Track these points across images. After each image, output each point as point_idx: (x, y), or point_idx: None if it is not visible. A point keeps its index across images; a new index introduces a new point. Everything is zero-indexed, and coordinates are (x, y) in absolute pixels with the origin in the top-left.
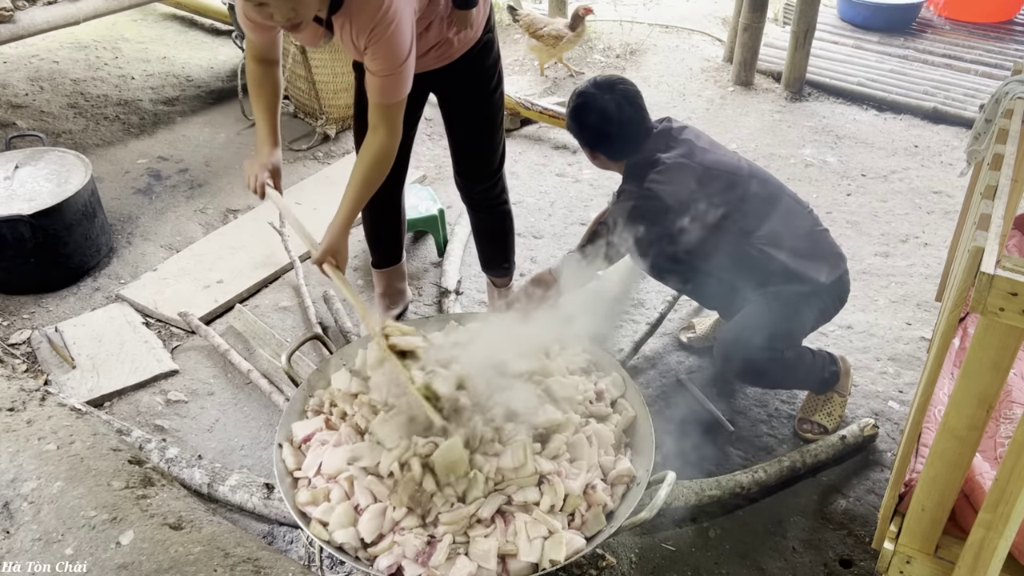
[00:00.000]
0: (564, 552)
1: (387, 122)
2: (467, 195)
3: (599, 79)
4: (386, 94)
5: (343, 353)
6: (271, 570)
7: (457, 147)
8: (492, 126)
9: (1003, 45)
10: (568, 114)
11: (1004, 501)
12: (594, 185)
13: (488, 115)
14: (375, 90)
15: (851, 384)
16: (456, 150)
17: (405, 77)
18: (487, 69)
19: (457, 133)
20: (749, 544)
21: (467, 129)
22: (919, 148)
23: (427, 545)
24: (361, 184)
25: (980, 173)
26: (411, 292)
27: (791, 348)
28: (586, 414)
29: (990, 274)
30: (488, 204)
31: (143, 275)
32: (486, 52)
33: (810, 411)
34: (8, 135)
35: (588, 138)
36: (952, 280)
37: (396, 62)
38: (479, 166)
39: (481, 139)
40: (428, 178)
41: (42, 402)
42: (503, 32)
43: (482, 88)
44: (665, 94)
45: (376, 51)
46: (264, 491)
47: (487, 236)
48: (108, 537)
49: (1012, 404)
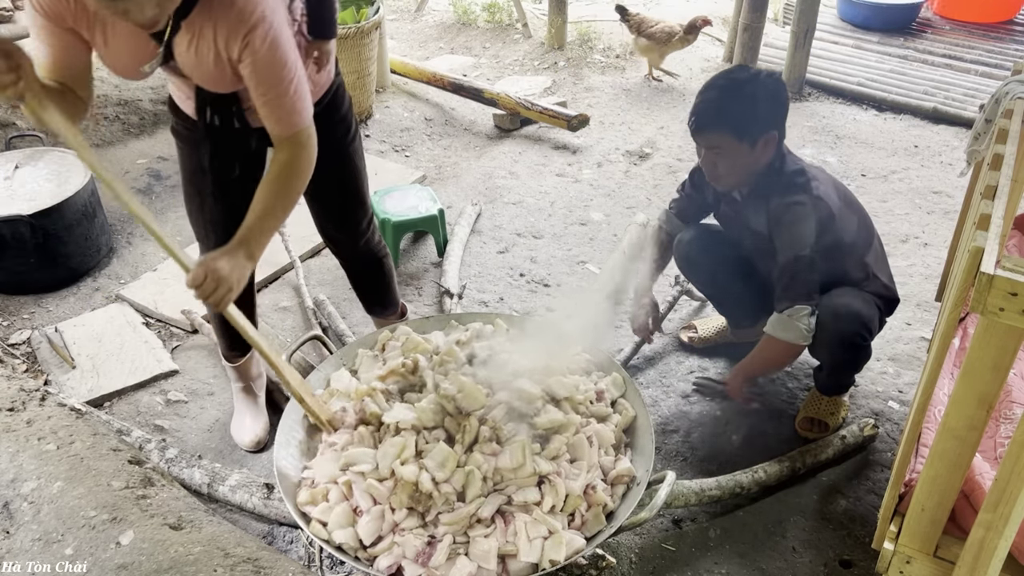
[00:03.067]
0: (564, 552)
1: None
2: (344, 252)
3: (741, 67)
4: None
5: (343, 353)
6: (271, 570)
7: (324, 207)
8: (360, 178)
9: (1003, 45)
10: (734, 97)
11: (1004, 501)
12: (594, 185)
13: (354, 167)
14: (273, 119)
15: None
16: (324, 211)
17: (299, 96)
18: (344, 115)
19: (322, 192)
20: (749, 544)
21: (335, 185)
22: (919, 148)
23: (427, 545)
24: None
25: (980, 173)
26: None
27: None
28: (586, 414)
29: (990, 274)
30: (368, 255)
31: (143, 275)
32: (341, 95)
33: (813, 410)
34: (8, 135)
35: (764, 122)
36: (952, 280)
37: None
38: (354, 221)
39: (353, 193)
40: (428, 178)
41: (42, 402)
42: (503, 31)
43: (343, 137)
44: (665, 94)
45: (256, 60)
46: (264, 491)
47: (373, 285)
48: (108, 537)
49: (1012, 404)
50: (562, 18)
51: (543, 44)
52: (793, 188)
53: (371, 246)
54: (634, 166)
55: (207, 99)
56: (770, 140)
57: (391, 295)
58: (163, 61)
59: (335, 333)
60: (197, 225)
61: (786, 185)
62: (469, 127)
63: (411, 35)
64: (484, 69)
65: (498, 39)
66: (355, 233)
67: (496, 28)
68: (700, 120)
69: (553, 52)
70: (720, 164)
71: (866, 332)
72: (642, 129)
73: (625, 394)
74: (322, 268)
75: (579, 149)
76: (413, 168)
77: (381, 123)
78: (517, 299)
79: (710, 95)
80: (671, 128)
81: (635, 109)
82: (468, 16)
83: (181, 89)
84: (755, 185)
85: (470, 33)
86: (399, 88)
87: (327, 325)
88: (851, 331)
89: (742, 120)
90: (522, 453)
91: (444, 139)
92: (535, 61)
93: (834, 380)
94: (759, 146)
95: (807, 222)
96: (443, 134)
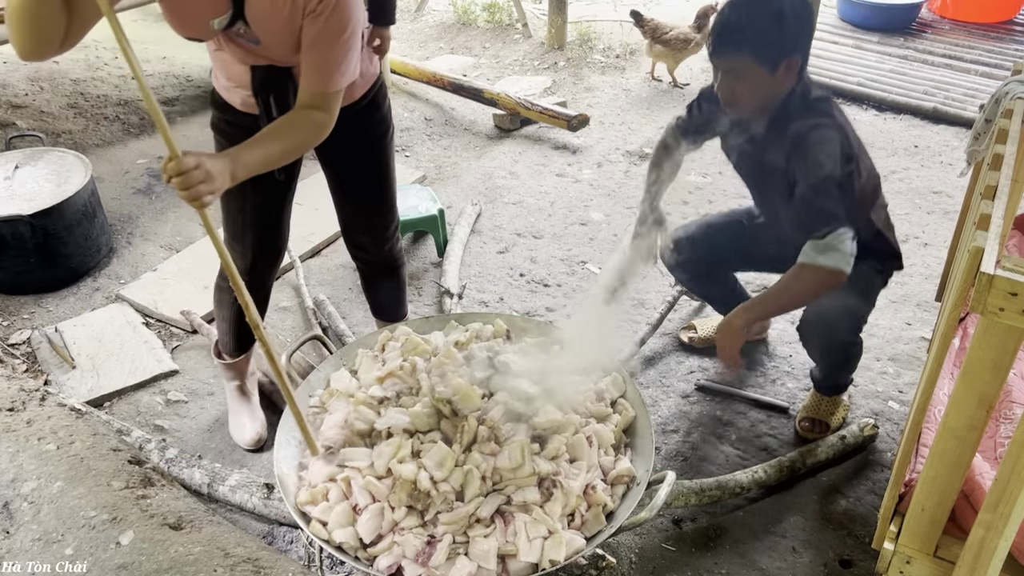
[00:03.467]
0: (564, 552)
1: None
2: (367, 256)
3: None
4: (328, 73)
5: (343, 353)
6: (271, 570)
7: (357, 206)
8: (392, 180)
9: (1003, 45)
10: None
11: (1004, 501)
12: (594, 185)
13: (388, 168)
14: (314, 72)
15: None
16: (355, 210)
17: (350, 52)
18: (385, 114)
19: (357, 190)
20: (749, 544)
21: (370, 183)
22: (919, 148)
23: (427, 545)
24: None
25: (980, 173)
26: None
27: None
28: (586, 414)
29: (990, 274)
30: (390, 261)
31: (143, 275)
32: (383, 94)
33: (813, 410)
34: (8, 135)
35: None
36: (952, 280)
37: (349, 30)
38: (383, 223)
39: (386, 193)
40: (428, 178)
41: (42, 402)
42: (503, 31)
43: (381, 136)
44: (665, 94)
45: (329, 12)
46: (264, 491)
47: (387, 293)
48: (108, 537)
49: (1012, 404)
50: (562, 18)
51: (543, 44)
52: (818, 113)
53: (394, 252)
54: (634, 166)
55: (263, 79)
56: (792, 64)
57: (401, 304)
58: (233, 18)
59: (335, 333)
60: (235, 224)
61: (810, 110)
62: (469, 127)
63: (411, 35)
64: (484, 69)
65: (498, 39)
66: (383, 237)
67: (496, 28)
68: (718, 41)
69: (553, 52)
70: (738, 89)
71: (852, 333)
72: (642, 129)
73: (625, 394)
74: (322, 268)
75: (579, 149)
76: (413, 168)
77: None
78: (517, 299)
79: (730, 14)
80: None
81: (635, 109)
82: (468, 16)
83: (230, 75)
84: (775, 113)
85: (470, 33)
86: (399, 88)
87: (327, 325)
88: (837, 337)
89: (763, 41)
90: (521, 453)
91: (444, 139)
92: (535, 61)
93: (831, 380)
94: (780, 70)
95: (834, 144)
96: (443, 134)
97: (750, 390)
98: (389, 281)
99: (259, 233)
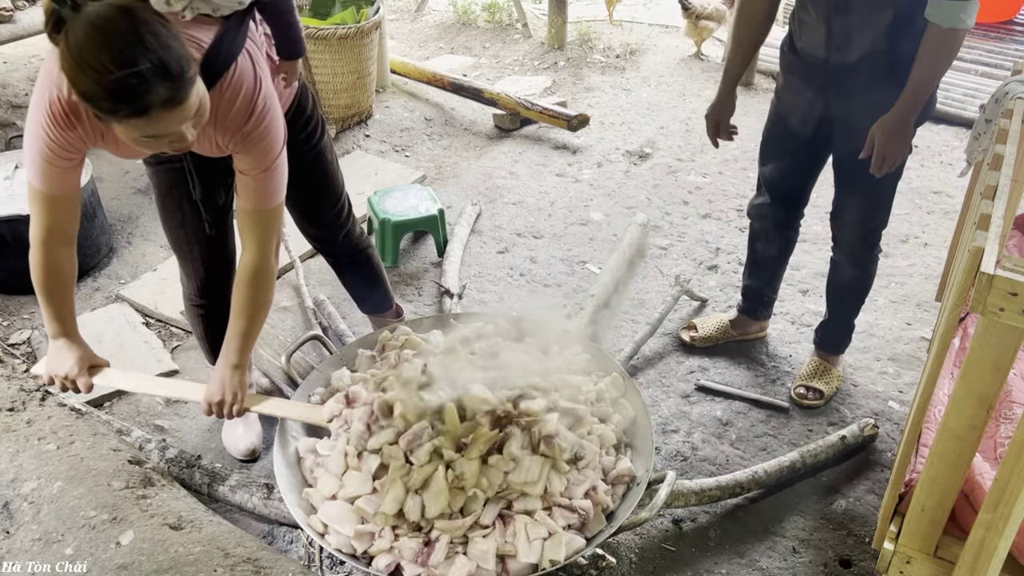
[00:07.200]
0: (564, 552)
1: (257, 231)
2: (327, 248)
3: None
4: (263, 195)
5: (343, 353)
6: (271, 570)
7: (302, 207)
8: (333, 173)
9: (1003, 45)
10: None
11: (1004, 501)
12: (594, 185)
13: (326, 163)
14: (248, 194)
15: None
16: (301, 210)
17: (282, 171)
18: (311, 114)
19: (298, 193)
20: (749, 544)
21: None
22: (919, 148)
23: (425, 545)
24: (247, 317)
25: (980, 173)
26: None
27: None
28: None
29: (990, 274)
30: (351, 248)
31: (143, 275)
32: (305, 96)
33: (809, 377)
34: (8, 135)
35: None
36: (952, 280)
37: (272, 154)
38: (331, 216)
39: (328, 188)
40: (428, 178)
41: (42, 402)
42: (503, 31)
43: (311, 135)
44: (665, 94)
45: (249, 148)
46: (264, 491)
47: (362, 279)
48: (108, 537)
49: (1012, 404)
50: (562, 18)
51: (543, 44)
52: None
53: (352, 239)
54: (634, 166)
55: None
56: None
57: (381, 290)
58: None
59: (335, 333)
60: (179, 242)
61: None
62: (469, 127)
63: (411, 35)
64: (484, 69)
65: (498, 39)
66: (334, 227)
67: (496, 28)
68: None
69: (553, 52)
70: None
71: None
72: (642, 129)
73: (625, 394)
74: (322, 268)
75: (579, 149)
76: (413, 168)
77: (381, 123)
78: (517, 299)
79: None
80: (671, 128)
81: (635, 109)
82: (468, 16)
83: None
84: None
85: (470, 33)
86: (399, 88)
87: (327, 325)
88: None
89: None
90: (540, 469)
91: (444, 139)
92: (535, 61)
93: (840, 328)
94: None
95: None
96: (443, 134)
97: (750, 390)
98: (359, 268)
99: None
